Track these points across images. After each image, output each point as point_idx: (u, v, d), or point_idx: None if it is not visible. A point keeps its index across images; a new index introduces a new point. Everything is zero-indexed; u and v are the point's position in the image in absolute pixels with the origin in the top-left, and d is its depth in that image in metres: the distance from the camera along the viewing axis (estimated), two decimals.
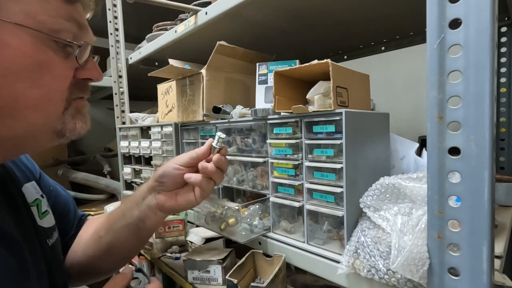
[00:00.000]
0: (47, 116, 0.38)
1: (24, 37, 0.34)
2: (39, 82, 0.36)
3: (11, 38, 0.33)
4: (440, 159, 0.37)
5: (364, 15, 0.78)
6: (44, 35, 0.35)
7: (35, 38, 0.34)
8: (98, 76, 0.42)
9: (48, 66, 0.36)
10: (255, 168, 0.70)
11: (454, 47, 0.36)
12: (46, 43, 0.35)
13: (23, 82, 0.35)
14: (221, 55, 0.79)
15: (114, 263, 0.62)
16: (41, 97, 0.36)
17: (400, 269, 0.40)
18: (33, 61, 0.35)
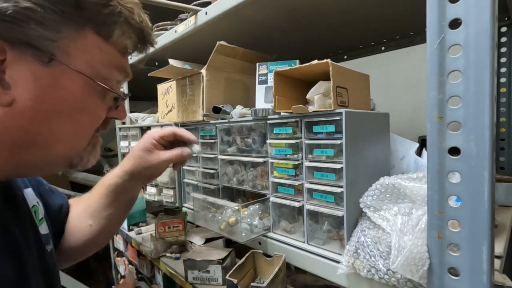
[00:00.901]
0: (71, 150, 0.41)
1: (79, 82, 0.37)
2: (78, 121, 0.39)
3: (68, 82, 0.36)
4: (440, 159, 0.37)
5: (364, 15, 0.78)
6: (96, 83, 0.38)
7: (87, 84, 0.38)
8: (124, 117, 0.46)
9: (90, 109, 0.40)
10: (255, 168, 0.70)
11: (454, 47, 0.36)
12: (94, 88, 0.39)
13: (64, 119, 0.38)
14: (221, 55, 0.79)
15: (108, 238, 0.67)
16: (74, 134, 0.40)
17: (400, 269, 0.40)
18: (80, 104, 0.38)
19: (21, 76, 0.34)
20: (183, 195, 0.94)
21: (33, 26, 0.33)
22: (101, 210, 0.60)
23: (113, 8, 0.37)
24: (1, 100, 0.33)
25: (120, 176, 0.60)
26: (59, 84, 0.36)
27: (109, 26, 0.38)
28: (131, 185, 0.61)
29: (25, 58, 0.33)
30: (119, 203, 0.61)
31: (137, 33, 0.41)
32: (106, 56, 0.39)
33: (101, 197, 0.61)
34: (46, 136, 0.37)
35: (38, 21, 0.33)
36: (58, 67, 0.35)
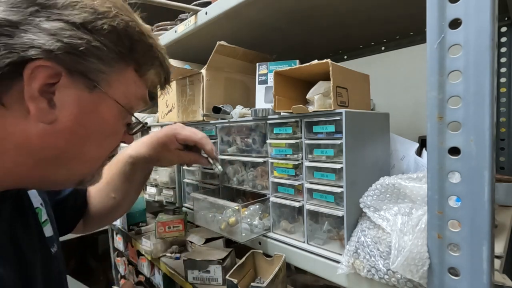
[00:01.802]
0: (89, 171, 0.44)
1: (113, 110, 0.41)
2: (103, 144, 0.43)
3: (105, 109, 0.40)
4: (440, 159, 0.37)
5: (364, 15, 0.78)
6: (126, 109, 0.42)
7: (119, 112, 0.42)
8: (131, 142, 0.51)
9: (116, 134, 0.44)
10: (255, 168, 0.70)
11: (454, 47, 0.36)
12: (123, 116, 0.43)
13: (94, 142, 0.41)
14: (221, 55, 0.79)
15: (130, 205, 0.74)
16: (97, 155, 0.43)
17: (400, 269, 0.40)
18: (110, 129, 0.42)
19: (67, 99, 0.36)
20: (183, 195, 0.94)
21: (94, 60, 0.37)
22: (121, 184, 0.67)
23: (154, 53, 0.43)
24: (46, 117, 0.35)
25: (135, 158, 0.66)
26: (97, 110, 0.39)
27: (147, 66, 0.44)
28: (144, 166, 0.68)
29: (76, 85, 0.37)
30: (135, 179, 0.68)
31: (164, 74, 0.48)
32: (138, 89, 0.44)
33: (120, 173, 0.67)
34: (73, 156, 0.40)
35: (99, 57, 0.37)
36: (99, 95, 0.39)
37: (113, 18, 0.37)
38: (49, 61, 0.33)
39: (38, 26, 0.33)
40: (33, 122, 0.35)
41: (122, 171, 0.66)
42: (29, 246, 0.43)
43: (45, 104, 0.35)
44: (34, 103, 0.34)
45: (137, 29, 0.40)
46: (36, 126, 0.35)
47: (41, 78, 0.34)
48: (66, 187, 0.47)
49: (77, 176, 0.43)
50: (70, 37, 0.34)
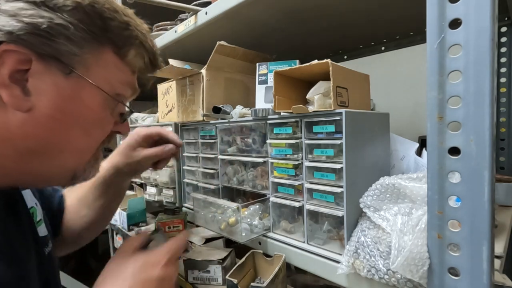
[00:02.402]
0: (79, 163, 0.42)
1: (96, 97, 0.40)
2: (91, 134, 0.41)
3: (86, 96, 0.39)
4: (440, 159, 0.37)
5: (364, 15, 0.78)
6: (112, 97, 0.41)
7: (103, 98, 0.40)
8: (128, 131, 0.49)
9: (102, 122, 0.42)
10: (255, 168, 0.70)
11: (454, 47, 0.36)
12: (108, 103, 0.41)
13: (79, 131, 0.40)
14: (221, 55, 0.79)
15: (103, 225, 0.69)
16: (85, 146, 0.42)
17: (400, 269, 0.40)
18: (95, 117, 0.41)
19: (43, 86, 0.35)
20: (183, 195, 0.94)
21: (62, 41, 0.35)
22: (93, 201, 0.63)
23: (131, 32, 0.41)
24: (22, 105, 0.34)
25: (107, 169, 0.63)
26: (78, 97, 0.38)
27: (126, 47, 0.41)
28: (117, 179, 0.63)
29: (49, 69, 0.35)
30: (108, 195, 0.64)
31: (149, 55, 0.45)
32: (121, 74, 0.42)
33: (90, 190, 0.63)
34: (59, 146, 0.39)
35: (67, 37, 0.35)
36: (78, 80, 0.37)
37: None
38: (13, 45, 0.32)
39: None
40: (11, 111, 0.34)
41: (95, 186, 0.63)
42: (22, 245, 0.43)
43: (19, 92, 0.34)
44: (7, 91, 0.33)
45: (107, 6, 0.38)
46: (14, 115, 0.35)
47: (10, 64, 0.33)
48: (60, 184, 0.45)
49: (68, 169, 0.42)
50: (31, 17, 0.33)
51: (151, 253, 0.47)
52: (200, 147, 0.84)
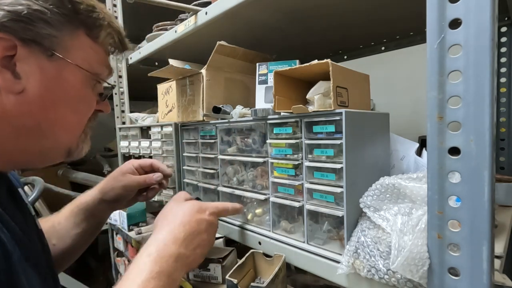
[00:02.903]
0: (70, 137, 0.47)
1: (78, 75, 0.44)
2: (78, 110, 0.46)
3: (69, 75, 0.43)
4: (440, 159, 0.37)
5: (364, 15, 0.78)
6: (91, 75, 0.46)
7: (84, 76, 0.45)
8: (108, 110, 0.53)
9: (86, 99, 0.47)
10: (255, 168, 0.70)
11: (454, 47, 0.36)
12: (89, 81, 0.46)
13: (67, 107, 0.44)
14: (221, 55, 0.79)
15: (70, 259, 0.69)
16: (75, 121, 0.46)
17: (400, 269, 0.40)
18: (79, 94, 0.45)
19: (30, 69, 0.39)
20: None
21: (41, 25, 0.39)
22: (69, 229, 0.64)
23: (98, 14, 0.45)
24: (14, 88, 0.38)
25: (92, 195, 0.65)
26: (62, 76, 0.42)
27: (96, 28, 0.45)
28: (100, 206, 0.66)
29: (33, 53, 0.39)
30: (87, 224, 0.65)
31: (117, 35, 0.49)
32: (96, 54, 0.46)
33: (71, 215, 0.65)
34: (51, 123, 0.43)
35: (45, 21, 0.39)
36: (60, 62, 0.41)
37: None
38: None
39: None
40: (4, 94, 0.38)
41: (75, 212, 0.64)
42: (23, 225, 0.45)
43: (10, 76, 0.38)
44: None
45: None
46: (8, 97, 0.38)
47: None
48: (55, 159, 0.48)
49: (62, 145, 0.46)
50: (11, 5, 0.36)
51: (201, 203, 0.56)
52: (200, 147, 0.84)
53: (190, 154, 0.89)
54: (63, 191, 1.45)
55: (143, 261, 0.42)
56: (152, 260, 0.42)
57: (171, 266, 0.43)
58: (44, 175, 1.38)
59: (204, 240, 0.51)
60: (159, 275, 0.41)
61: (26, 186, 1.35)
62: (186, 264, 0.47)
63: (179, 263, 0.45)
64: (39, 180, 1.29)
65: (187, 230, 0.49)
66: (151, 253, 0.43)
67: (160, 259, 0.43)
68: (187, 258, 0.47)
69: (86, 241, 0.68)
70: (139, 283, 0.39)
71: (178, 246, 0.46)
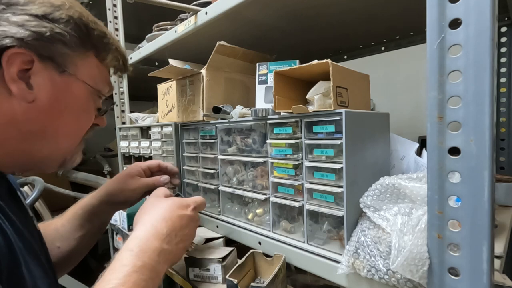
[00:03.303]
0: (69, 146, 0.50)
1: (83, 90, 0.49)
2: (80, 120, 0.50)
3: (76, 89, 0.48)
4: (440, 159, 0.37)
5: (364, 15, 0.78)
6: (94, 91, 0.50)
7: (89, 91, 0.50)
8: (104, 124, 0.57)
9: (88, 110, 0.51)
10: (255, 168, 0.70)
11: (454, 47, 0.36)
12: (92, 96, 0.51)
13: (70, 117, 0.48)
14: (221, 55, 0.79)
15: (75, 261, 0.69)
16: (76, 130, 0.50)
17: (400, 269, 0.40)
18: (83, 106, 0.50)
19: (43, 82, 0.44)
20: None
21: (60, 45, 0.44)
22: (72, 231, 0.65)
23: (108, 39, 0.51)
24: (27, 97, 0.43)
25: (97, 197, 0.66)
26: (69, 90, 0.47)
27: (105, 51, 0.51)
28: (105, 208, 0.67)
29: (47, 68, 0.44)
30: (91, 226, 0.66)
31: (122, 58, 0.55)
32: (101, 73, 0.52)
33: (75, 217, 0.66)
34: (56, 129, 0.47)
35: (63, 42, 0.44)
36: (70, 78, 0.46)
37: (68, 9, 0.44)
38: (21, 48, 0.40)
39: (8, 20, 0.40)
40: (17, 101, 0.42)
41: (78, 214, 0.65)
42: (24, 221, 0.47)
43: (24, 86, 0.42)
44: (15, 85, 0.41)
45: (91, 19, 0.48)
46: (20, 104, 0.42)
47: (18, 64, 0.41)
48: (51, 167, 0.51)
49: (61, 152, 0.50)
50: (36, 26, 0.41)
51: (182, 199, 0.57)
52: (200, 147, 0.84)
53: (190, 154, 0.89)
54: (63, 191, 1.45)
55: (125, 256, 0.43)
56: (134, 255, 0.43)
57: (154, 261, 0.44)
58: (44, 175, 1.38)
59: (186, 235, 0.53)
60: (141, 269, 0.42)
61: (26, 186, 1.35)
62: (169, 259, 0.48)
63: (162, 258, 0.46)
64: (39, 180, 1.29)
65: (170, 225, 0.50)
66: (132, 249, 0.44)
67: (142, 254, 0.43)
68: (169, 253, 0.48)
69: (90, 242, 0.68)
70: (121, 277, 0.39)
71: (161, 241, 0.47)
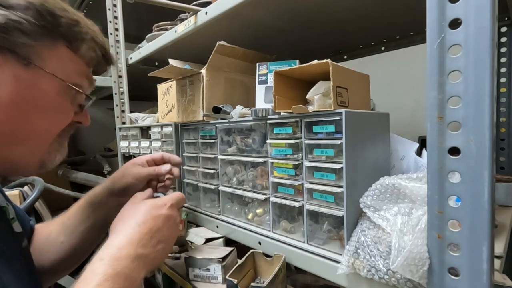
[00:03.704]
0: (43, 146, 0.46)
1: (53, 85, 0.44)
2: (52, 119, 0.45)
3: (44, 84, 0.43)
4: (440, 159, 0.37)
5: (364, 15, 0.78)
6: (67, 86, 0.45)
7: (61, 86, 0.45)
8: (87, 122, 0.53)
9: (61, 108, 0.46)
10: (255, 168, 0.70)
11: (454, 47, 0.36)
12: (66, 92, 0.46)
13: (41, 116, 0.44)
14: (221, 55, 0.79)
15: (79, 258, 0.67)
16: (47, 129, 0.46)
17: (400, 269, 0.40)
18: (54, 103, 0.45)
19: (4, 76, 0.40)
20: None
21: (17, 34, 0.39)
22: (77, 224, 0.63)
23: (81, 28, 0.46)
24: None
25: (102, 186, 0.65)
26: (36, 85, 0.42)
27: (78, 41, 0.46)
28: (109, 198, 0.65)
29: (8, 61, 0.40)
30: (94, 218, 0.64)
31: (100, 49, 0.50)
32: (75, 65, 0.47)
33: (79, 209, 0.64)
34: (24, 131, 0.43)
35: (21, 31, 0.40)
36: (36, 70, 0.42)
37: None
38: None
39: None
40: None
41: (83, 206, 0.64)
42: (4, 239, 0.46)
43: None
44: None
45: (58, 6, 0.43)
46: None
47: None
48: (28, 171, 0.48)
49: (35, 155, 0.46)
50: None
51: (157, 199, 0.55)
52: (200, 147, 0.84)
53: (190, 154, 0.89)
54: (63, 191, 1.45)
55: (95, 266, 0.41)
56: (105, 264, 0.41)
57: (128, 268, 0.42)
58: (44, 175, 1.38)
59: (164, 235, 0.50)
60: (113, 277, 0.40)
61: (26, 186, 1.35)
62: (147, 263, 0.46)
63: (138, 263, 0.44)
64: (39, 180, 1.29)
65: (143, 229, 0.48)
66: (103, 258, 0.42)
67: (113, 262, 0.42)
68: (146, 257, 0.46)
69: (93, 238, 0.67)
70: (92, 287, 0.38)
71: (135, 247, 0.45)
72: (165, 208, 0.52)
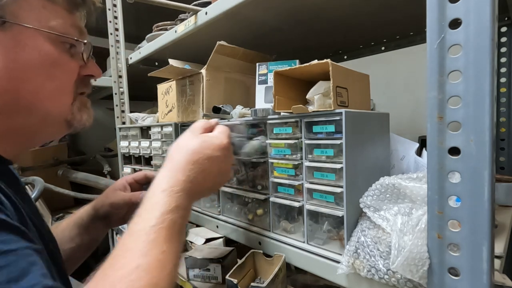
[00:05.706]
0: (59, 106, 0.44)
1: (39, 39, 0.41)
2: (53, 76, 0.43)
3: (28, 40, 0.40)
4: (440, 159, 0.37)
5: (364, 15, 0.78)
6: (55, 36, 0.42)
7: (48, 39, 0.42)
8: (98, 73, 0.50)
9: (59, 63, 0.43)
10: (255, 168, 0.70)
11: (454, 47, 0.36)
12: (56, 44, 0.43)
13: (40, 76, 0.41)
14: (221, 55, 0.79)
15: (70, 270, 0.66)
16: (55, 89, 0.43)
17: (400, 269, 0.40)
18: (47, 58, 0.42)
19: None
20: None
21: None
22: (64, 242, 0.62)
23: None
24: None
25: (87, 210, 0.64)
26: (21, 44, 0.40)
27: None
28: (94, 223, 0.64)
29: None
30: (80, 240, 0.63)
31: None
32: (54, 14, 0.43)
33: (67, 228, 0.63)
34: (29, 96, 0.41)
35: None
36: (15, 29, 0.39)
37: None
38: None
39: None
40: None
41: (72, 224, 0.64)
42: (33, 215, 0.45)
43: None
44: None
45: None
46: None
47: None
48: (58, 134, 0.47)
49: (55, 117, 0.44)
50: None
51: (213, 137, 0.54)
52: None
53: None
54: (63, 191, 1.45)
55: (158, 196, 0.42)
56: (167, 195, 0.42)
57: (185, 200, 0.44)
58: (44, 175, 1.38)
59: (216, 173, 0.51)
60: (177, 208, 0.42)
61: (26, 186, 1.35)
62: (201, 194, 0.49)
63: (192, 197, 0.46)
64: (39, 180, 1.29)
65: (197, 168, 0.48)
66: (165, 189, 0.43)
67: (174, 194, 0.43)
68: (201, 193, 0.49)
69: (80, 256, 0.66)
70: (158, 216, 0.39)
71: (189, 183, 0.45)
72: (217, 149, 0.51)
